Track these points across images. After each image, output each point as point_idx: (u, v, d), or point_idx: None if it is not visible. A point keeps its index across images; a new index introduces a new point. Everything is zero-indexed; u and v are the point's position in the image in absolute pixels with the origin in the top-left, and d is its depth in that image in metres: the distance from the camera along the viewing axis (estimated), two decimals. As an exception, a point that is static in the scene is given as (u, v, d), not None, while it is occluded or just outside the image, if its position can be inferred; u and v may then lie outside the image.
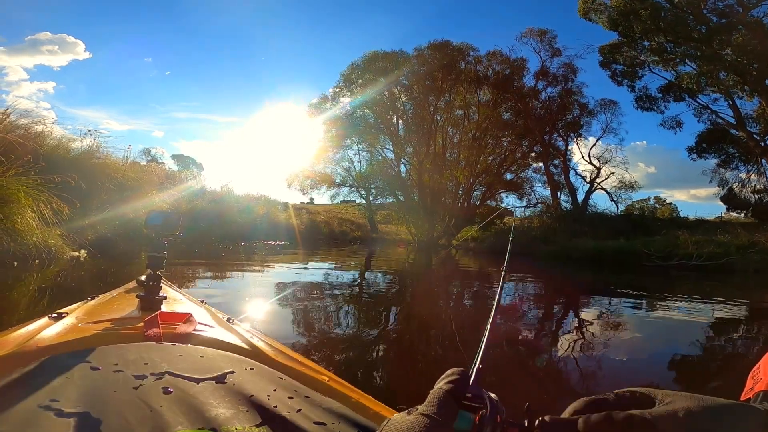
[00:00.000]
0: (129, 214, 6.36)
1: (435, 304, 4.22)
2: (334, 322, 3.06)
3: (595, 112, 18.26)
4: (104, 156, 7.05)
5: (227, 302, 3.32)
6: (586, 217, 16.29)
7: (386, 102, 18.68)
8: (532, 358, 2.54)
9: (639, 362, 2.51)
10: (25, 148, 4.63)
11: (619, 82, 17.46)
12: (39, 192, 4.33)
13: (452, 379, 0.41)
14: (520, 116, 18.00)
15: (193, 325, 0.77)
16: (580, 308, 4.56)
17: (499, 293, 0.74)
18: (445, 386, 0.40)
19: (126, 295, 1.02)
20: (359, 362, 2.12)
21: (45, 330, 0.67)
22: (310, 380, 0.67)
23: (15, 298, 2.93)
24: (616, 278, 8.08)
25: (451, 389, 0.39)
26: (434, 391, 0.39)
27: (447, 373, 0.42)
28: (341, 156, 20.07)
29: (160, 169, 11.10)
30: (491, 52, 18.33)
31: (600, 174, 17.72)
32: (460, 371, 0.42)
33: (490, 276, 7.82)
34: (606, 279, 7.99)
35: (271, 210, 15.02)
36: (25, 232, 3.95)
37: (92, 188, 5.84)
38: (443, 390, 0.39)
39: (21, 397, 0.45)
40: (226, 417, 0.47)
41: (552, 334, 3.21)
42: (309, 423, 0.50)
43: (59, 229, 4.57)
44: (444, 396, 0.38)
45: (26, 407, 0.44)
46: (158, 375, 0.54)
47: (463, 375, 0.41)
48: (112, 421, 0.43)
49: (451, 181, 18.36)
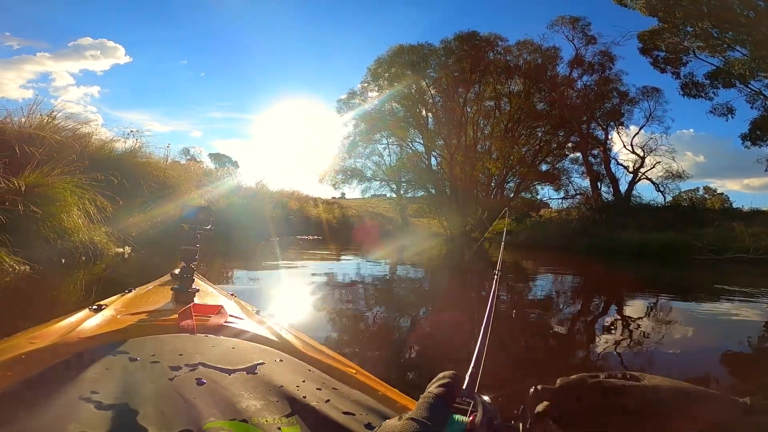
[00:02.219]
0: (170, 211, 6.61)
1: (466, 300, 4.11)
2: (362, 315, 3.03)
3: (637, 100, 17.25)
4: (146, 155, 7.32)
5: (257, 295, 3.37)
6: (629, 208, 15.47)
7: (414, 95, 18.47)
8: (566, 354, 2.43)
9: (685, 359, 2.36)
10: (70, 148, 4.88)
11: (662, 68, 16.42)
12: (84, 191, 4.52)
13: (443, 382, 0.40)
14: (554, 106, 17.31)
15: (224, 317, 0.79)
16: (622, 303, 4.34)
17: (492, 296, 0.74)
18: (436, 390, 0.39)
19: (161, 288, 1.05)
20: (386, 356, 2.09)
21: (86, 321, 0.69)
22: (337, 372, 0.67)
23: (61, 293, 3.07)
24: (664, 273, 7.64)
25: (441, 393, 0.39)
26: (425, 395, 0.39)
27: (438, 377, 0.41)
28: (371, 150, 20.12)
29: (199, 168, 11.49)
30: (521, 41, 17.79)
31: (644, 163, 16.75)
32: (451, 374, 0.41)
33: (526, 270, 7.60)
34: (652, 273, 7.56)
35: (304, 205, 15.23)
36: (72, 230, 4.14)
37: (135, 186, 6.09)
38: (434, 394, 0.39)
39: (62, 388, 0.47)
40: (257, 408, 0.48)
41: (590, 330, 3.07)
42: (338, 413, 0.50)
43: (104, 227, 4.79)
44: (435, 400, 0.38)
45: (67, 398, 0.45)
46: (192, 366, 0.55)
47: (455, 378, 0.41)
48: (148, 412, 0.44)
49: (484, 173, 17.97)
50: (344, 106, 19.75)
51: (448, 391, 0.39)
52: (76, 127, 5.95)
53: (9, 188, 3.41)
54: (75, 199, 4.34)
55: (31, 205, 3.48)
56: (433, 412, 0.36)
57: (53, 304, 2.72)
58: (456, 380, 0.41)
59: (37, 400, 0.45)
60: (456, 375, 0.42)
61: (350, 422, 0.50)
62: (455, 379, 0.41)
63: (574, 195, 17.85)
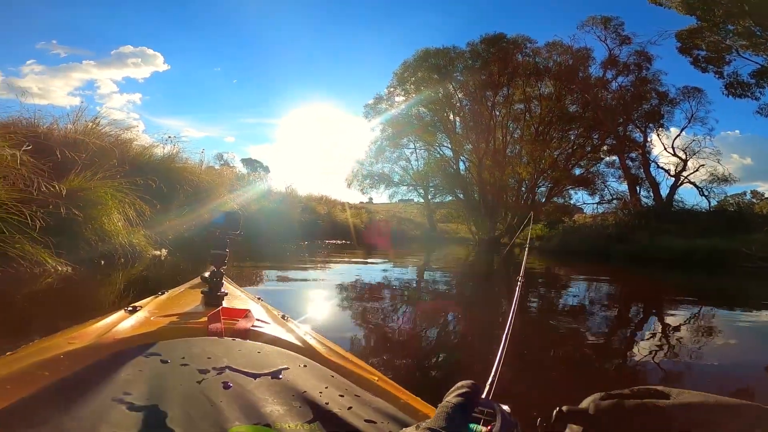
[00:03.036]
0: (204, 215, 6.81)
1: (493, 307, 3.99)
2: (387, 322, 3.00)
3: (677, 100, 16.48)
4: (183, 161, 7.59)
5: (283, 299, 3.39)
6: (671, 213, 14.70)
7: (441, 99, 18.35)
8: (596, 365, 2.31)
9: (727, 373, 2.21)
10: (111, 153, 5.11)
11: (703, 68, 15.63)
12: (124, 194, 4.70)
13: (462, 392, 0.40)
14: (588, 108, 16.75)
15: (251, 321, 0.81)
16: (661, 313, 4.11)
17: (514, 305, 0.74)
18: (454, 399, 0.39)
19: (191, 291, 1.08)
20: (409, 364, 2.07)
21: (121, 323, 0.72)
22: (360, 379, 0.68)
23: (100, 293, 3.19)
24: (709, 281, 7.22)
25: (459, 402, 0.38)
26: (443, 405, 0.39)
27: (456, 386, 0.41)
28: (398, 155, 20.17)
29: (231, 172, 11.81)
30: (550, 42, 17.43)
31: (687, 167, 15.88)
32: (470, 384, 0.41)
33: (558, 277, 7.34)
34: (696, 281, 7.15)
35: (332, 210, 15.40)
36: (112, 232, 4.31)
37: (172, 191, 6.31)
38: (452, 403, 0.38)
39: (97, 389, 0.49)
40: (280, 413, 0.49)
41: (624, 340, 2.91)
42: (360, 421, 0.50)
43: (143, 230, 4.98)
44: (452, 409, 0.38)
45: (101, 399, 0.47)
46: (219, 369, 0.57)
47: (474, 388, 0.40)
48: (176, 415, 0.46)
49: (514, 178, 17.60)
50: (371, 111, 19.92)
51: (467, 400, 0.39)
52: (118, 133, 6.26)
53: (52, 192, 3.60)
54: (115, 203, 4.53)
55: (73, 209, 3.65)
56: (450, 421, 0.36)
57: (92, 304, 2.82)
58: (475, 389, 0.41)
59: (72, 400, 0.47)
60: (475, 384, 0.41)
61: (372, 430, 0.50)
62: (474, 389, 0.41)
63: (611, 200, 17.21)
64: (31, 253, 3.12)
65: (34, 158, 3.64)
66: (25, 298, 2.77)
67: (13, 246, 3.01)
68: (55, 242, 3.31)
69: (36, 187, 3.47)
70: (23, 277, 3.07)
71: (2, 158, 3.18)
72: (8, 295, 2.73)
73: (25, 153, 3.39)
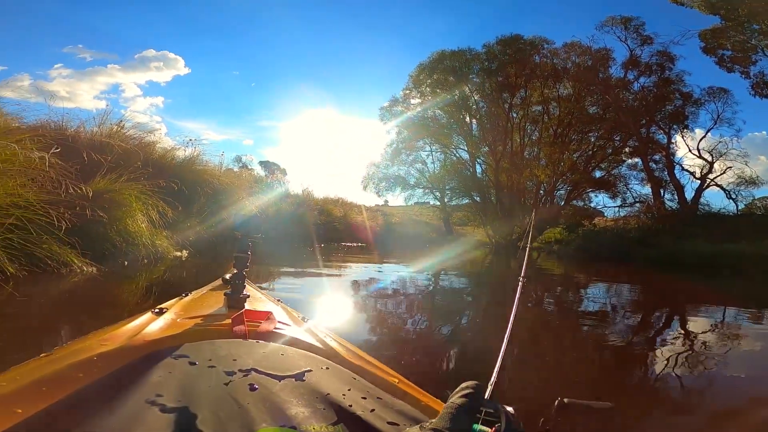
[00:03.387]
0: (224, 217, 6.91)
1: (510, 310, 3.92)
2: (405, 324, 3.00)
3: (702, 101, 15.85)
4: (203, 163, 7.72)
5: (301, 301, 3.40)
6: (697, 217, 14.22)
7: (457, 101, 18.21)
8: (613, 370, 2.27)
9: (752, 383, 2.10)
10: (136, 156, 5.24)
11: (728, 68, 15.01)
12: (147, 197, 4.81)
13: (465, 393, 0.40)
14: (609, 109, 16.38)
15: (273, 323, 0.82)
16: (685, 319, 3.99)
17: (515, 305, 0.73)
18: (458, 400, 0.40)
19: (213, 293, 1.11)
20: (427, 365, 2.08)
21: (150, 325, 0.75)
22: (381, 381, 0.68)
23: (124, 293, 3.26)
24: (737, 286, 6.96)
25: (463, 403, 0.39)
26: (447, 405, 0.39)
27: (461, 387, 0.42)
28: (414, 157, 20.06)
29: (250, 175, 11.99)
30: (568, 43, 16.96)
31: (713, 169, 15.33)
32: (474, 385, 0.42)
33: (577, 281, 7.18)
34: (724, 287, 6.89)
35: (348, 212, 15.44)
36: (136, 233, 4.41)
37: (192, 193, 6.42)
38: (456, 404, 0.39)
39: (130, 390, 0.51)
40: (305, 415, 0.50)
41: (642, 346, 2.82)
42: (382, 423, 0.51)
43: (165, 231, 5.08)
44: (456, 410, 0.38)
45: (135, 401, 0.48)
46: (245, 371, 0.58)
47: (477, 389, 0.41)
48: (206, 416, 0.47)
49: (531, 181, 17.32)
50: (387, 113, 19.88)
51: (471, 401, 0.40)
52: (142, 136, 6.42)
53: (79, 194, 3.70)
54: (139, 205, 4.63)
55: (98, 210, 3.75)
56: (454, 422, 0.37)
57: (118, 304, 2.88)
58: (478, 390, 0.41)
59: (107, 402, 0.48)
60: (479, 385, 0.42)
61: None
62: (477, 390, 0.41)
63: (633, 203, 16.69)
64: (58, 254, 3.21)
65: (62, 160, 3.75)
66: (53, 298, 2.85)
67: (41, 246, 3.10)
68: (81, 243, 3.40)
69: (63, 189, 3.58)
70: (50, 277, 3.15)
71: (31, 161, 3.28)
72: (38, 295, 2.81)
73: (53, 155, 3.49)
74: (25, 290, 2.70)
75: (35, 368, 0.57)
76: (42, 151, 3.37)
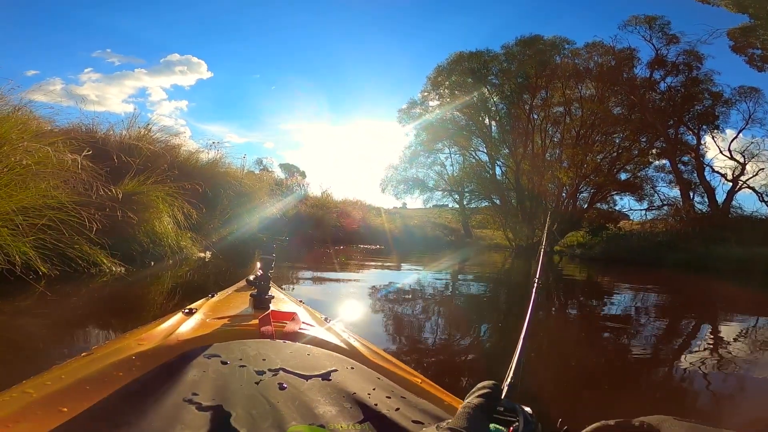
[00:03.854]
0: (246, 219, 7.03)
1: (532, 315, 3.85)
2: (425, 326, 3.03)
3: (733, 101, 15.31)
4: (226, 166, 7.88)
5: (323, 303, 3.44)
6: (728, 220, 13.66)
7: (476, 103, 18.03)
8: (638, 376, 2.19)
9: None
10: (162, 158, 5.39)
11: (759, 67, 14.52)
12: (173, 198, 4.92)
13: (483, 392, 0.40)
14: (634, 110, 15.92)
15: (298, 323, 0.83)
16: (715, 325, 3.87)
17: (531, 305, 0.75)
18: (475, 400, 0.39)
19: (238, 294, 1.14)
20: (449, 366, 2.11)
21: (182, 325, 0.77)
22: (404, 381, 0.69)
23: (151, 293, 3.34)
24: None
25: (481, 403, 0.39)
26: (464, 405, 0.39)
27: (478, 387, 0.42)
28: (433, 160, 19.97)
29: (271, 177, 12.13)
30: (590, 43, 16.60)
31: (745, 171, 14.72)
32: (491, 384, 0.42)
33: (601, 286, 6.99)
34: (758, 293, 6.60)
35: (367, 215, 15.47)
36: (163, 234, 4.52)
37: (216, 195, 6.56)
38: (473, 404, 0.39)
39: (168, 389, 0.52)
40: (333, 414, 0.51)
41: (669, 353, 2.73)
42: (408, 422, 0.51)
43: (189, 233, 5.20)
44: (473, 410, 0.38)
45: (172, 400, 0.50)
46: (274, 371, 0.59)
47: (495, 388, 0.41)
48: (240, 414, 0.48)
49: (553, 183, 16.98)
50: (405, 115, 19.86)
51: (488, 401, 0.40)
52: (168, 139, 6.60)
53: (109, 195, 3.83)
54: (166, 207, 4.75)
55: (127, 212, 3.86)
56: (471, 422, 0.36)
57: (145, 304, 2.95)
58: (495, 390, 0.41)
59: (147, 401, 0.49)
60: (496, 385, 0.42)
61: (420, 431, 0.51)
62: (495, 389, 0.41)
63: (661, 206, 16.16)
64: (88, 254, 3.31)
65: (93, 163, 3.88)
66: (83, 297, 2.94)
67: (72, 246, 3.20)
68: (110, 244, 3.51)
69: (94, 191, 3.70)
70: (81, 277, 3.25)
71: (64, 163, 3.40)
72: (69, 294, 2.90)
73: (84, 158, 3.62)
74: (57, 289, 2.80)
75: (77, 368, 0.59)
76: (74, 154, 3.49)
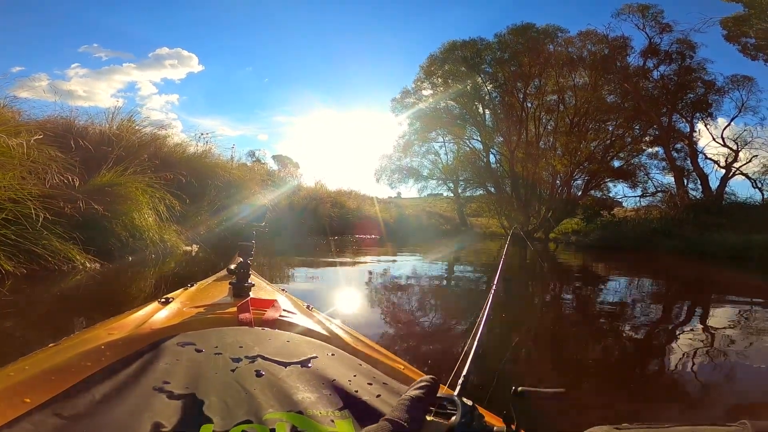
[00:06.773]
0: (235, 211, 6.82)
1: (526, 304, 3.76)
2: (411, 314, 2.99)
3: (726, 89, 15.26)
4: (215, 157, 7.65)
5: (307, 292, 3.35)
6: (722, 207, 13.69)
7: (470, 91, 17.84)
8: (626, 369, 2.14)
9: None
10: (143, 149, 5.15)
11: (753, 56, 14.45)
12: (154, 190, 4.68)
13: (421, 385, 0.41)
14: (627, 98, 15.83)
15: (278, 311, 0.82)
16: (709, 310, 3.83)
17: (487, 302, 0.79)
18: (413, 392, 0.40)
19: (218, 283, 1.11)
20: (433, 353, 2.11)
21: (156, 314, 0.75)
22: (386, 367, 0.69)
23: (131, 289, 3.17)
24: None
25: (418, 396, 0.40)
26: (402, 398, 0.40)
27: (418, 380, 0.43)
28: (427, 149, 19.83)
29: (263, 168, 11.92)
30: (583, 31, 16.42)
31: (738, 158, 14.73)
32: (430, 378, 0.43)
33: (596, 273, 6.94)
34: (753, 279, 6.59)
35: (361, 204, 15.31)
36: (143, 228, 4.29)
37: (203, 186, 6.35)
38: (410, 396, 0.39)
39: (138, 378, 0.51)
40: (311, 401, 0.50)
41: (660, 340, 2.68)
42: (388, 408, 0.50)
43: (174, 226, 4.98)
44: (411, 402, 0.39)
45: (141, 388, 0.48)
46: (251, 358, 0.58)
47: (433, 382, 0.43)
48: (213, 402, 0.47)
49: (548, 171, 16.91)
50: (399, 105, 19.62)
51: (425, 394, 0.40)
52: (154, 131, 6.35)
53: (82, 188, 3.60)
54: (146, 198, 4.52)
55: (102, 204, 3.65)
56: (408, 413, 0.37)
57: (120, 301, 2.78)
58: (433, 384, 0.42)
59: (115, 389, 0.48)
60: (434, 379, 0.43)
61: None
62: (432, 383, 0.42)
63: (654, 192, 16.18)
64: (59, 250, 3.10)
65: (67, 154, 3.65)
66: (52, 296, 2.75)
67: (40, 242, 2.98)
68: (84, 238, 3.29)
69: (63, 182, 3.47)
70: (51, 275, 3.03)
71: (28, 153, 3.17)
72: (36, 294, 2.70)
73: (54, 148, 3.39)
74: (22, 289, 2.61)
75: (43, 358, 0.57)
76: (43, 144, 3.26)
